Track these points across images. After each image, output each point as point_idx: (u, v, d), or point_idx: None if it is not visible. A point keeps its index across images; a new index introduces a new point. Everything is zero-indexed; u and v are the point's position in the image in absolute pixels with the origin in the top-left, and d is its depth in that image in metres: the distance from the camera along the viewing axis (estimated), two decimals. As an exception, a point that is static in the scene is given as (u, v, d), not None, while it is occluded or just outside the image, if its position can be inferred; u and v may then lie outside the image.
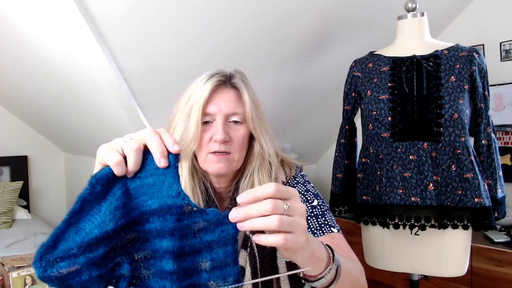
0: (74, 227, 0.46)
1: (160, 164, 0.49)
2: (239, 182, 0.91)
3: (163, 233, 0.48)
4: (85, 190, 0.47)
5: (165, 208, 0.48)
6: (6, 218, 2.98)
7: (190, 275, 0.49)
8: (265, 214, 0.49)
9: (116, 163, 0.48)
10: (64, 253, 0.44)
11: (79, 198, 0.47)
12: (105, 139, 2.03)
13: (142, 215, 0.48)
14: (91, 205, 0.47)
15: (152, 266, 0.49)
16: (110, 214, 0.46)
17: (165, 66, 1.93)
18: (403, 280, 2.42)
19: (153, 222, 0.48)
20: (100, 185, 0.48)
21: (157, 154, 0.49)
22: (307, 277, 0.63)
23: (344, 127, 1.73)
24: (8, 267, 1.32)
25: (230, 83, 0.88)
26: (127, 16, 1.64)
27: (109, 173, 0.48)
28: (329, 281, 0.63)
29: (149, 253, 0.49)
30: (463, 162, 1.46)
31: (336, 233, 0.87)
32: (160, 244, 0.48)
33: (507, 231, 2.28)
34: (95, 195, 0.47)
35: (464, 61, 1.52)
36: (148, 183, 0.49)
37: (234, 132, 0.87)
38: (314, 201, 0.91)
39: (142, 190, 0.49)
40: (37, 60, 2.16)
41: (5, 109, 3.48)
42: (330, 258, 0.63)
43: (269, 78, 2.28)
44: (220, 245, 0.50)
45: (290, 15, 1.93)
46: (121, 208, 0.47)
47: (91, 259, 0.45)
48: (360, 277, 0.76)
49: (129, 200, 0.48)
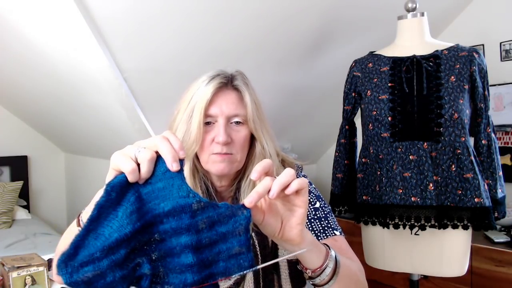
0: (93, 233, 0.49)
1: (173, 168, 0.52)
2: (240, 182, 0.92)
3: (180, 230, 0.52)
4: (102, 198, 0.50)
5: (179, 208, 0.52)
6: (6, 218, 2.98)
7: (209, 266, 0.53)
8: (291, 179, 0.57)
9: (131, 171, 0.51)
10: (88, 258, 0.47)
11: (96, 206, 0.50)
12: (105, 139, 2.03)
13: (156, 217, 0.52)
14: (108, 211, 0.50)
15: (170, 264, 0.52)
16: (127, 218, 0.50)
17: (165, 66, 1.93)
18: (403, 280, 2.42)
19: (168, 222, 0.52)
20: (115, 192, 0.51)
21: (169, 159, 0.52)
22: (312, 274, 0.66)
23: (344, 127, 1.73)
24: (8, 267, 1.32)
25: (232, 85, 0.89)
26: (127, 16, 1.64)
27: (123, 180, 0.52)
28: (330, 274, 0.65)
29: (166, 252, 0.52)
30: (463, 162, 1.46)
31: (338, 236, 0.88)
32: (178, 241, 0.52)
33: (507, 231, 2.28)
34: (111, 201, 0.51)
35: (464, 61, 1.52)
36: (158, 187, 0.53)
37: (236, 133, 0.87)
38: (316, 203, 0.92)
39: (154, 195, 0.53)
40: (37, 60, 2.16)
41: (5, 109, 3.48)
42: (327, 251, 0.67)
43: (269, 78, 2.28)
44: (234, 235, 0.54)
45: (290, 15, 1.93)
46: (136, 212, 0.51)
47: (114, 261, 0.48)
48: (360, 275, 0.77)
49: (142, 204, 0.52)
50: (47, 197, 3.72)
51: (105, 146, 2.82)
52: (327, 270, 0.65)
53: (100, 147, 2.93)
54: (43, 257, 1.46)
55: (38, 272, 1.34)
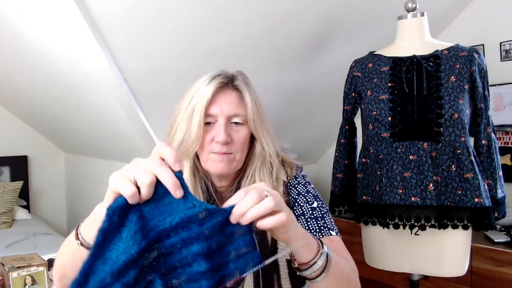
0: (101, 259, 0.50)
1: (176, 195, 0.53)
2: (240, 182, 0.92)
3: (190, 240, 0.53)
4: (104, 223, 0.51)
5: (187, 219, 0.53)
6: (6, 218, 2.98)
7: (220, 269, 0.55)
8: (257, 201, 0.56)
9: (131, 195, 0.51)
10: (99, 284, 0.48)
11: (100, 231, 0.51)
12: (105, 139, 2.04)
13: (161, 233, 0.53)
14: (112, 234, 0.51)
15: (181, 274, 0.53)
16: (131, 239, 0.51)
17: (165, 66, 1.93)
18: (403, 280, 2.42)
19: (177, 235, 0.53)
20: (117, 215, 0.51)
21: (172, 188, 0.52)
22: (300, 266, 0.67)
23: (344, 127, 1.73)
24: (8, 267, 1.32)
25: (232, 85, 0.89)
26: (127, 16, 1.64)
27: (123, 202, 0.52)
28: (320, 269, 0.66)
29: (175, 264, 0.53)
30: (463, 162, 1.46)
31: (334, 236, 0.88)
32: (188, 251, 0.53)
33: (507, 231, 2.28)
34: (114, 225, 0.51)
35: (464, 61, 1.52)
36: (164, 202, 0.53)
37: (236, 133, 0.87)
38: (314, 202, 0.92)
39: (158, 211, 0.53)
40: (37, 60, 2.16)
41: (5, 109, 3.48)
42: (319, 246, 0.68)
43: (269, 78, 2.28)
44: (240, 235, 0.56)
45: (290, 15, 1.93)
46: (140, 231, 0.51)
47: (126, 284, 0.49)
48: (352, 275, 0.77)
49: (145, 223, 0.52)
50: (47, 197, 3.72)
51: (105, 146, 2.82)
52: (314, 267, 0.66)
53: (100, 147, 2.93)
54: (43, 257, 1.46)
55: (38, 272, 1.34)
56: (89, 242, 0.64)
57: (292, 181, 0.95)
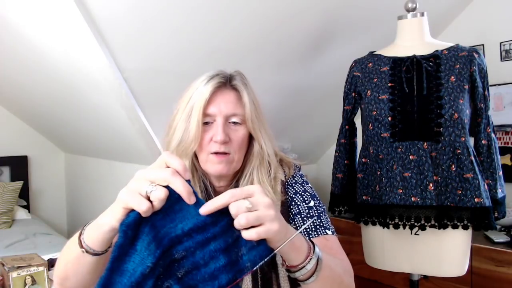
0: (118, 271, 0.52)
1: (190, 202, 0.55)
2: (238, 182, 0.92)
3: (207, 241, 0.55)
4: (120, 238, 0.53)
5: (200, 223, 0.55)
6: (6, 218, 2.98)
7: (236, 263, 0.57)
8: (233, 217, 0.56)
9: (146, 210, 0.54)
10: None
11: (116, 246, 0.53)
12: (105, 139, 2.04)
13: (173, 239, 0.55)
14: (128, 247, 0.54)
15: (197, 275, 0.55)
16: (146, 250, 0.53)
17: (165, 66, 1.93)
18: (403, 280, 2.42)
19: (190, 239, 0.55)
20: (131, 230, 0.54)
21: (185, 195, 0.54)
22: (289, 268, 0.66)
23: (344, 127, 1.73)
24: (8, 267, 1.32)
25: (231, 85, 0.89)
26: (127, 16, 1.64)
27: (137, 217, 0.54)
28: (310, 272, 0.65)
29: (190, 267, 0.55)
30: (463, 162, 1.46)
31: (330, 235, 0.88)
32: (204, 252, 0.55)
33: (507, 231, 2.28)
34: (129, 239, 0.54)
35: (464, 61, 1.52)
36: (175, 210, 0.56)
37: (234, 133, 0.88)
38: (311, 202, 0.92)
39: (169, 218, 0.55)
40: (37, 60, 2.16)
41: (5, 109, 3.48)
42: (310, 249, 0.66)
43: (269, 78, 2.27)
44: None
45: (290, 15, 1.93)
46: (153, 241, 0.53)
47: None
48: (345, 276, 0.76)
49: (157, 231, 0.55)
50: (47, 197, 3.72)
51: (105, 146, 2.82)
52: (303, 271, 0.65)
53: (100, 147, 2.93)
54: (43, 257, 1.46)
55: (38, 272, 1.34)
56: (94, 249, 0.64)
57: (290, 180, 0.96)
